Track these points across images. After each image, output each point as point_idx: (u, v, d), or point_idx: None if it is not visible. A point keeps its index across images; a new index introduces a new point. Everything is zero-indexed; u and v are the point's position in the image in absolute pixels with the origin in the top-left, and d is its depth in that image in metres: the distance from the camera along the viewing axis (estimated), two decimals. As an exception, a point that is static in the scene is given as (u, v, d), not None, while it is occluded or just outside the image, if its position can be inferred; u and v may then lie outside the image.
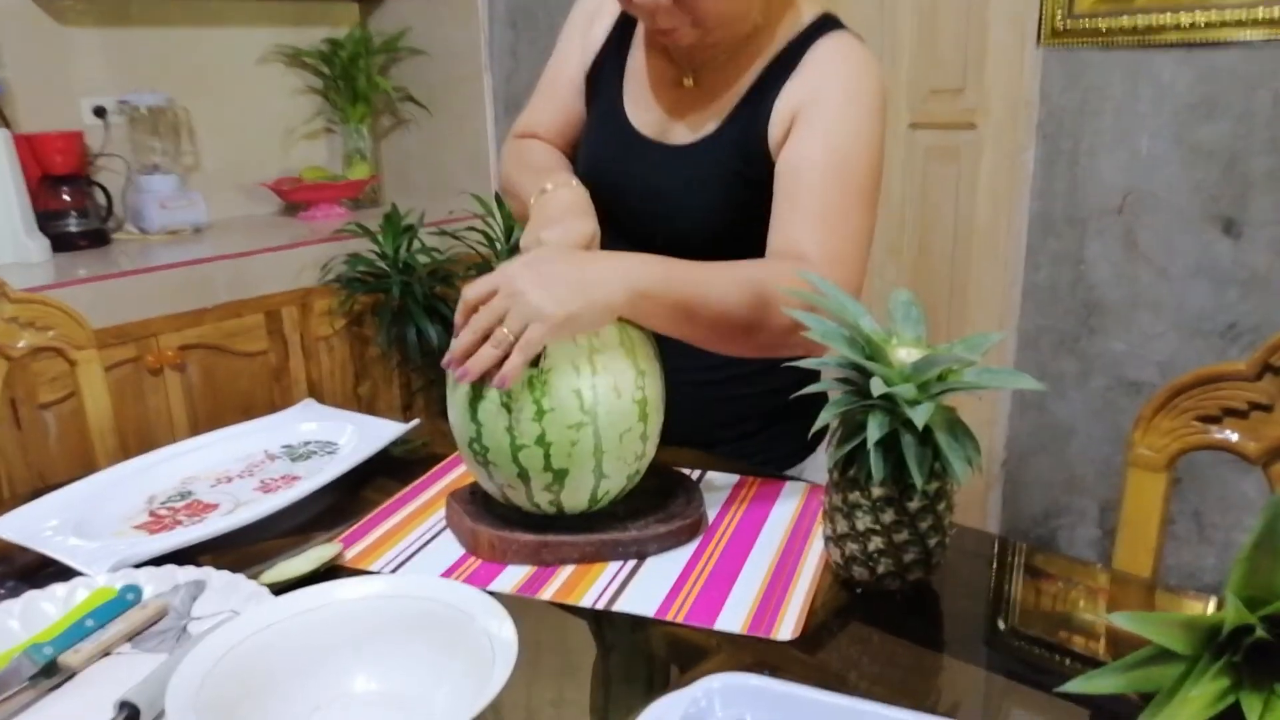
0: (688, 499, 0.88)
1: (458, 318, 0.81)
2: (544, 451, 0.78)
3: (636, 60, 1.06)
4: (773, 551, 0.83)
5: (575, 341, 0.78)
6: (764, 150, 0.97)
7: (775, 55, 0.98)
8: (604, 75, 1.08)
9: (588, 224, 0.92)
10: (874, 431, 0.68)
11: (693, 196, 1.00)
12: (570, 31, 1.13)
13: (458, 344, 0.78)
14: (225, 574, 0.77)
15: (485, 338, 0.77)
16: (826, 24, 0.99)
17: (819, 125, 0.93)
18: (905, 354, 0.71)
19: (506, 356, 0.76)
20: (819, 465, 1.14)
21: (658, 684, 0.67)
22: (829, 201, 0.92)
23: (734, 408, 1.10)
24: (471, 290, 0.79)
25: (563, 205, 0.94)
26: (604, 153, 1.07)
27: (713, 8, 0.90)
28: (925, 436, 0.68)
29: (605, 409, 0.78)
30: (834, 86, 0.95)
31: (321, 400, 1.29)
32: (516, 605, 0.68)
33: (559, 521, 0.83)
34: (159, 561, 0.80)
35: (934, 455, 0.69)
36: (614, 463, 0.80)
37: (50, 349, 1.25)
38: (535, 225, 0.93)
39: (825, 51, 0.96)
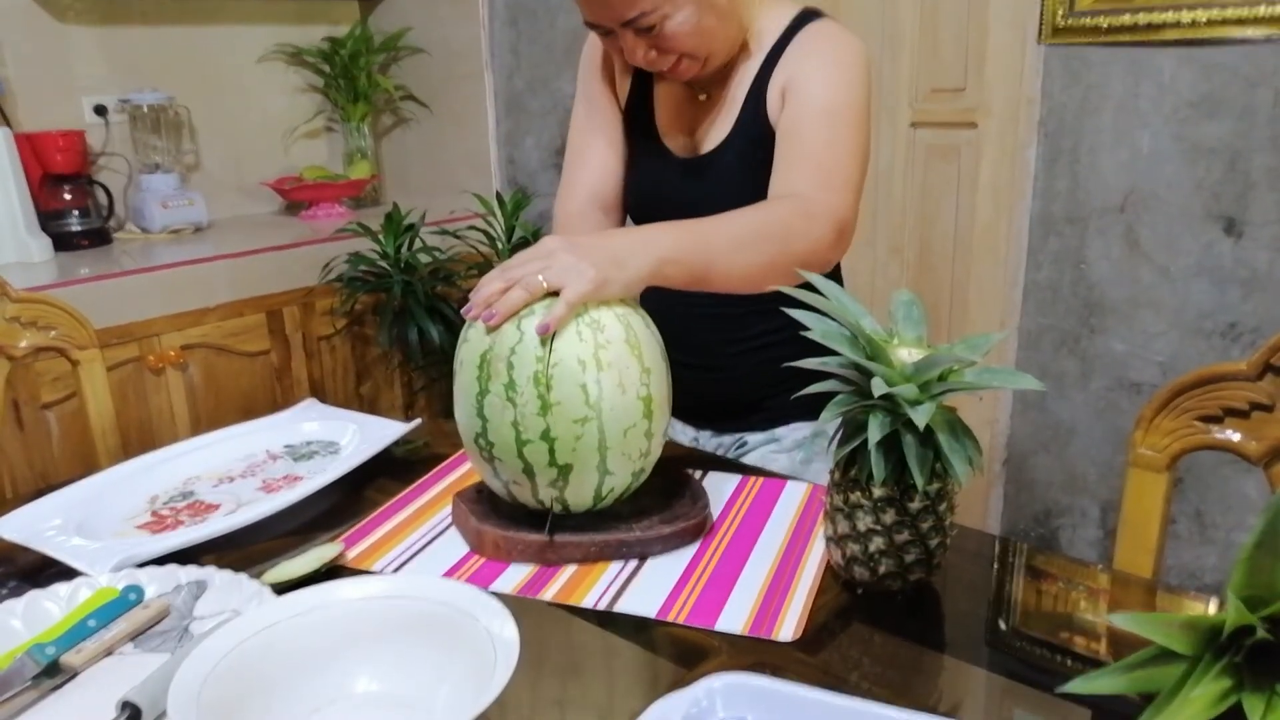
0: (693, 499, 0.88)
1: (493, 284, 0.82)
2: (549, 446, 0.78)
3: (662, 91, 1.14)
4: (774, 552, 0.83)
5: (580, 338, 0.78)
6: (770, 130, 1.04)
7: (770, 49, 1.05)
8: (638, 116, 1.16)
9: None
10: (875, 432, 0.68)
11: (725, 197, 1.03)
12: (599, 78, 1.18)
13: (481, 290, 0.80)
14: (227, 574, 0.77)
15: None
16: (807, 16, 1.07)
17: (804, 89, 1.02)
18: (906, 354, 0.71)
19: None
20: None
21: (659, 684, 0.67)
22: (817, 147, 1.00)
23: (767, 369, 1.12)
24: (511, 261, 0.82)
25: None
26: (650, 184, 1.14)
27: (689, 44, 0.99)
28: (926, 437, 0.68)
29: (610, 405, 0.78)
30: (815, 57, 1.03)
31: (323, 400, 1.30)
32: (518, 606, 0.68)
33: (564, 521, 0.83)
34: (161, 561, 0.80)
35: (935, 455, 0.69)
36: (618, 459, 0.81)
37: (52, 349, 1.25)
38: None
39: (807, 34, 1.05)
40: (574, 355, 0.78)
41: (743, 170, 1.06)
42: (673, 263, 0.86)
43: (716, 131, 1.09)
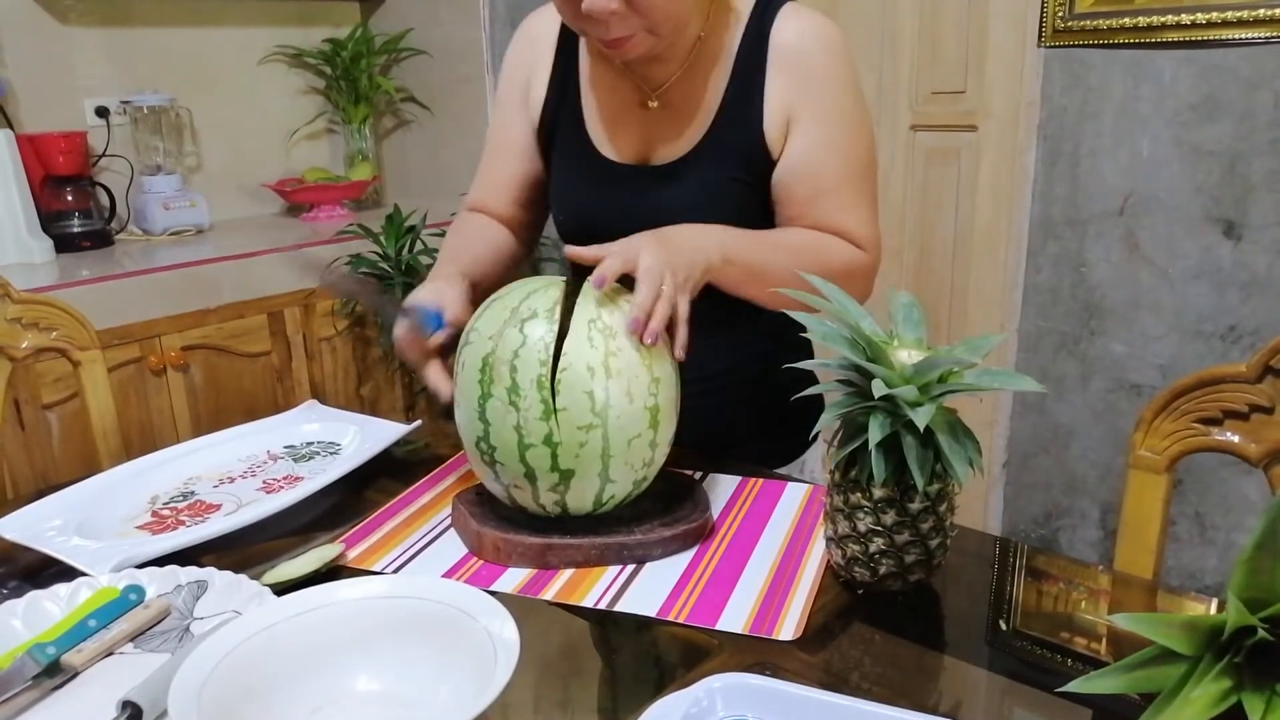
0: (693, 504, 0.88)
1: (612, 265, 0.81)
2: (551, 451, 0.78)
3: (591, 99, 1.05)
4: (774, 552, 0.83)
5: (592, 344, 0.78)
6: (764, 150, 0.98)
7: (737, 53, 0.98)
8: (560, 123, 1.07)
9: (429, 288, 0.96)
10: (875, 433, 0.68)
11: (691, 211, 0.98)
12: (508, 96, 1.11)
13: (641, 306, 0.79)
14: (228, 574, 0.77)
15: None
16: (768, 6, 0.98)
17: (820, 124, 0.97)
18: (906, 356, 0.71)
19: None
20: (815, 457, 1.18)
21: (659, 684, 0.67)
22: (849, 197, 0.98)
23: (747, 407, 1.11)
24: (608, 265, 0.81)
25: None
26: (585, 192, 1.06)
27: (663, 7, 0.88)
28: (926, 438, 0.68)
29: (616, 413, 0.78)
30: (819, 75, 0.97)
31: (324, 401, 1.29)
32: (518, 606, 0.68)
33: (563, 524, 0.83)
34: (161, 562, 0.80)
35: (935, 457, 0.69)
36: (621, 468, 0.80)
37: (53, 350, 1.25)
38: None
39: (790, 35, 0.97)
40: (584, 361, 0.77)
41: (717, 183, 0.99)
42: (733, 264, 0.88)
43: (679, 139, 1.00)
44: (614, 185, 1.04)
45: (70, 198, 2.17)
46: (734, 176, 0.99)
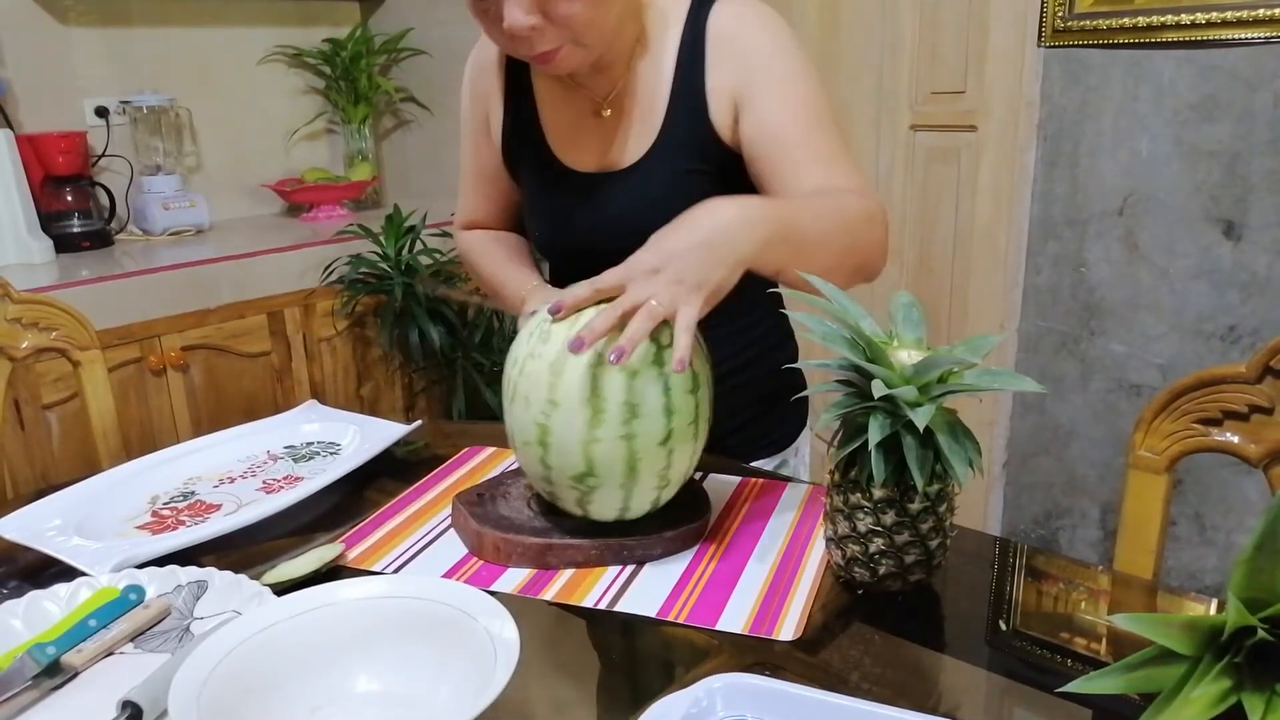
0: (694, 505, 0.88)
1: (582, 294, 0.78)
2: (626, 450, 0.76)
3: (548, 115, 1.06)
4: (774, 552, 0.83)
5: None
6: (715, 138, 0.99)
7: (678, 50, 0.98)
8: (522, 143, 1.08)
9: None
10: (875, 433, 0.68)
11: (656, 209, 0.97)
12: (472, 128, 1.15)
13: (595, 325, 0.73)
14: (228, 574, 0.77)
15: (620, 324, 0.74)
16: (704, 1, 0.99)
17: (770, 89, 0.95)
18: (906, 356, 0.71)
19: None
20: (805, 440, 1.20)
21: (659, 684, 0.67)
22: (821, 144, 0.95)
23: (731, 400, 1.11)
24: (603, 281, 0.77)
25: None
26: (555, 205, 1.07)
27: (583, 16, 0.88)
28: (926, 438, 0.68)
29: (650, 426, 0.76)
30: (759, 51, 0.96)
31: (324, 401, 1.30)
32: (518, 606, 0.69)
33: (562, 525, 0.83)
34: (162, 562, 0.80)
35: (935, 457, 0.69)
36: (645, 477, 0.79)
37: (53, 350, 1.25)
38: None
39: (724, 23, 0.97)
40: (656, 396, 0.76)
41: (676, 178, 1.00)
42: (774, 246, 0.79)
43: (636, 144, 1.01)
44: (581, 194, 1.05)
45: (70, 198, 2.17)
46: (691, 169, 0.99)
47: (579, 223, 1.05)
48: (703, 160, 0.99)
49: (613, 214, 1.02)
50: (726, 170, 1.00)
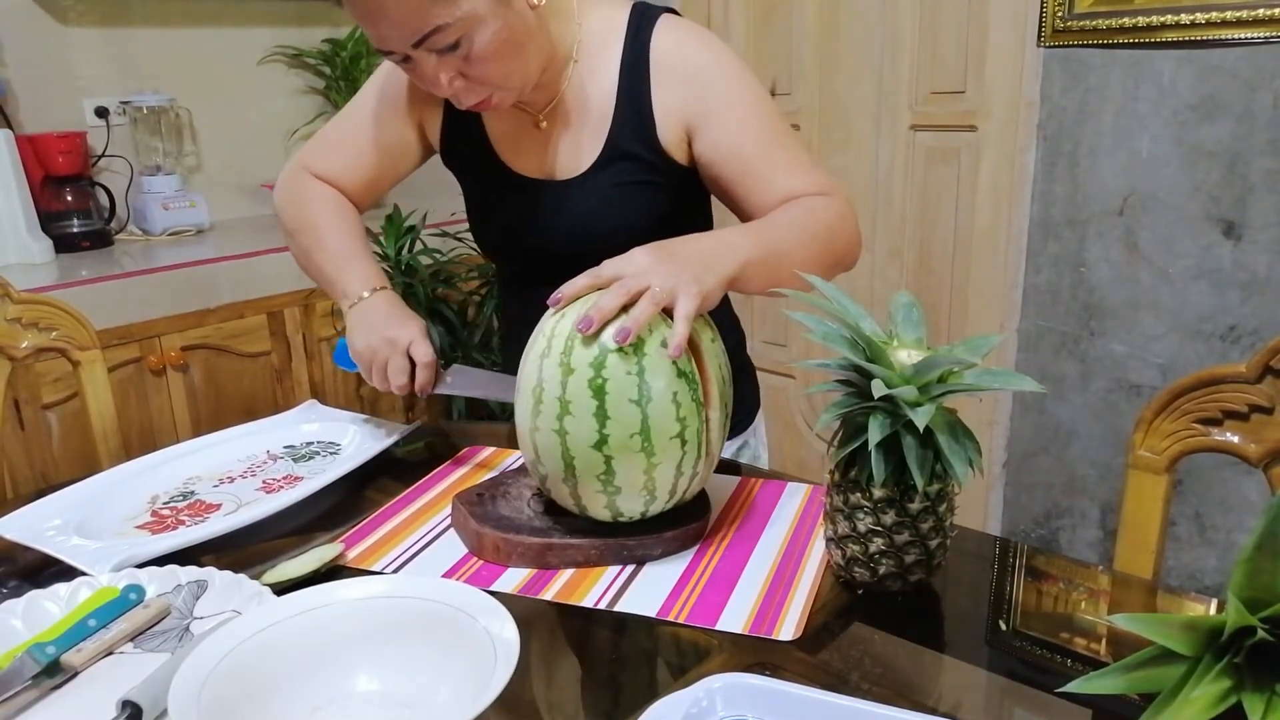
0: (694, 505, 0.88)
1: (580, 284, 0.79)
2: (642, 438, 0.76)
3: (492, 121, 1.06)
4: (774, 552, 0.83)
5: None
6: (663, 155, 1.01)
7: (620, 68, 1.00)
8: (466, 147, 1.08)
9: (411, 326, 0.99)
10: (875, 433, 0.68)
11: (606, 216, 1.02)
12: (384, 96, 1.09)
13: (602, 304, 0.75)
14: (227, 574, 0.77)
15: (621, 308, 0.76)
16: (643, 20, 1.00)
17: (720, 114, 0.98)
18: (906, 356, 0.71)
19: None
20: (760, 420, 1.22)
21: (659, 684, 0.68)
22: (779, 154, 0.98)
23: None
24: (602, 272, 0.79)
25: (382, 313, 1.01)
26: (503, 206, 1.08)
27: (499, 72, 0.90)
28: (926, 438, 0.68)
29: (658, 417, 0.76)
30: (703, 76, 0.98)
31: (324, 401, 1.30)
32: (518, 606, 0.69)
33: (562, 524, 0.83)
34: (161, 561, 0.81)
35: (935, 457, 0.69)
36: (661, 475, 0.79)
37: (53, 349, 1.25)
38: (360, 333, 1.00)
39: (668, 48, 0.99)
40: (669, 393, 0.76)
41: (624, 190, 1.02)
42: (754, 264, 0.84)
43: (577, 154, 1.03)
44: (530, 200, 1.06)
45: (70, 198, 2.17)
46: (639, 180, 1.01)
47: (527, 227, 1.06)
48: (651, 172, 1.01)
49: (562, 220, 1.04)
50: (676, 182, 1.02)
